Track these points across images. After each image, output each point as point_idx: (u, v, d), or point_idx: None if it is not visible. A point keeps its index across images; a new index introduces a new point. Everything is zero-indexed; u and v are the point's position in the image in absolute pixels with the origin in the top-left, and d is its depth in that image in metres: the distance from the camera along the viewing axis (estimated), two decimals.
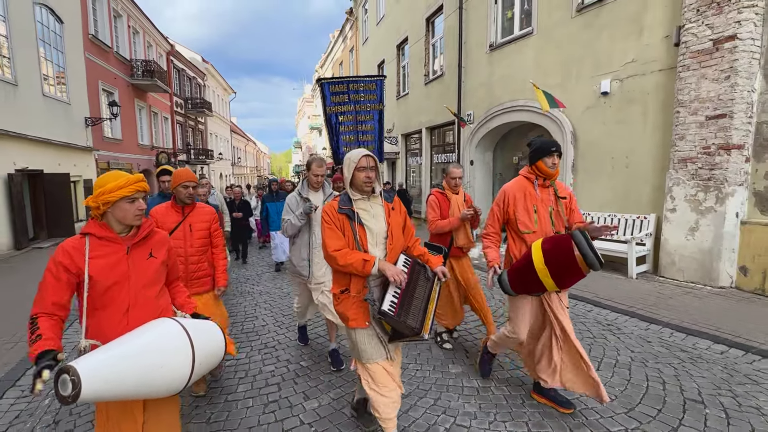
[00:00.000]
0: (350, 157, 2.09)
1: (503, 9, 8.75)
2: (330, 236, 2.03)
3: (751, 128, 4.85)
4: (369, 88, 5.03)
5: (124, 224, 1.68)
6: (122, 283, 1.66)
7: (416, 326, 1.90)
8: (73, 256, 1.58)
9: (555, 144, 2.47)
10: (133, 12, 17.45)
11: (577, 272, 2.16)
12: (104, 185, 1.60)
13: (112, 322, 1.63)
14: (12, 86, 9.58)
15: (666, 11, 5.53)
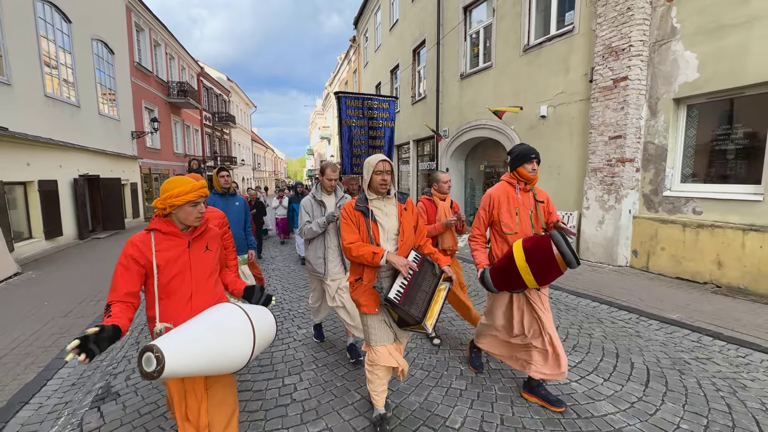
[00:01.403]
0: (369, 162, 2.14)
1: (471, 46, 9.71)
2: (346, 230, 2.11)
3: (639, 146, 5.79)
4: (382, 106, 5.09)
5: (186, 224, 1.71)
6: (185, 272, 1.68)
7: (418, 316, 1.90)
8: (142, 249, 1.61)
9: (534, 151, 2.43)
10: (169, 41, 18.61)
11: (555, 270, 2.12)
12: (171, 190, 1.62)
13: (178, 309, 1.65)
14: (76, 107, 10.71)
15: (584, 55, 6.46)
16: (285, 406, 2.50)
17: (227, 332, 1.48)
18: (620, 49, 5.71)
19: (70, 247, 9.49)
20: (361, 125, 5.01)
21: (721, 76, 4.78)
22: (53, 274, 6.61)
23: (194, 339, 1.38)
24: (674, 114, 5.42)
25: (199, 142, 23.31)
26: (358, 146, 5.05)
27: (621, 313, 4.13)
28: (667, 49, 5.34)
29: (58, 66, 10.06)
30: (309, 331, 3.79)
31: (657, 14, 5.46)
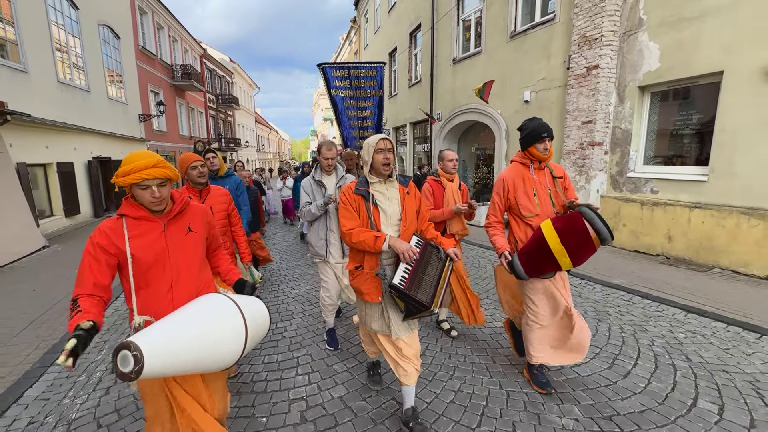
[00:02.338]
0: (369, 142, 2.03)
1: (463, 31, 10.04)
2: (345, 216, 2.01)
3: (608, 131, 6.27)
4: (369, 74, 4.79)
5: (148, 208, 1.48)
6: (163, 260, 1.51)
7: (426, 300, 1.84)
8: (111, 236, 1.43)
9: (545, 128, 2.26)
10: (172, 23, 18.90)
11: (591, 247, 2.06)
12: (130, 163, 1.41)
13: (157, 299, 1.50)
14: (86, 92, 11.28)
15: (563, 43, 6.85)
16: (276, 341, 3.20)
17: (215, 326, 1.34)
18: (593, 39, 6.12)
19: (86, 224, 10.27)
20: (349, 96, 4.78)
21: (679, 66, 5.22)
22: (76, 247, 7.36)
23: (178, 334, 1.23)
24: (639, 101, 5.88)
25: (203, 124, 23.83)
26: (351, 118, 4.86)
27: (573, 279, 4.75)
28: (635, 40, 5.75)
29: (68, 52, 10.59)
30: (300, 291, 4.48)
31: (627, 6, 5.84)
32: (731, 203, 4.74)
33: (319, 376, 2.68)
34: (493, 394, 2.44)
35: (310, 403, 2.37)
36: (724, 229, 4.76)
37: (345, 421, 2.21)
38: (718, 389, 2.41)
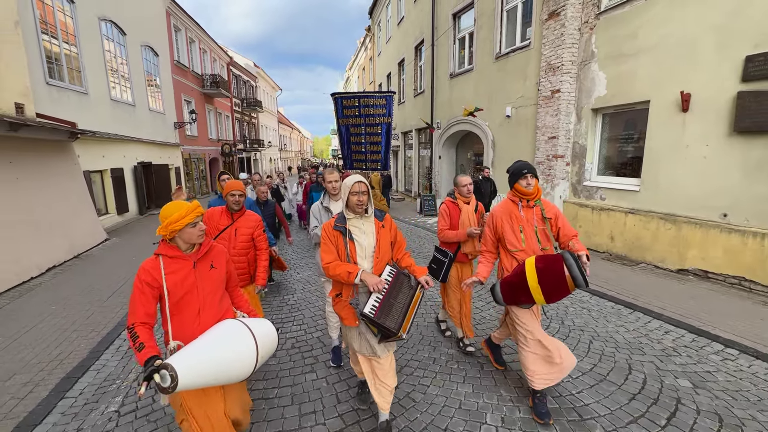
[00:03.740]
0: (346, 183, 2.22)
1: (459, 49, 11.15)
2: (324, 250, 2.21)
3: (569, 145, 7.32)
4: (378, 103, 5.05)
5: (190, 244, 1.85)
6: (192, 291, 1.84)
7: (394, 327, 1.99)
8: (152, 273, 1.77)
9: (526, 166, 2.47)
10: (202, 37, 20.78)
11: (565, 290, 2.18)
12: (170, 216, 1.76)
13: (187, 323, 1.83)
14: (132, 107, 13.13)
15: (536, 68, 7.89)
16: (282, 307, 4.60)
17: (232, 347, 1.66)
18: (556, 66, 7.17)
19: (133, 220, 12.12)
20: (358, 123, 5.11)
21: (620, 93, 6.24)
22: (129, 240, 9.07)
23: (203, 356, 1.56)
24: (592, 121, 6.91)
25: (230, 127, 25.80)
26: (356, 143, 5.20)
27: None
28: (588, 69, 6.78)
29: (118, 72, 12.42)
30: (304, 275, 5.87)
31: (583, 39, 6.87)
32: (654, 210, 5.77)
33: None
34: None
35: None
36: (648, 231, 5.80)
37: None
38: (601, 351, 3.60)
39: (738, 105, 4.65)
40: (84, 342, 3.85)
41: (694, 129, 5.20)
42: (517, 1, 8.52)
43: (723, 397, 2.71)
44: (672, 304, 4.40)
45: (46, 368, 3.36)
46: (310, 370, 3.22)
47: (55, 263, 6.62)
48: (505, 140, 9.12)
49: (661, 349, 3.45)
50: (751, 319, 3.95)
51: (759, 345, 3.43)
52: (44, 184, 7.01)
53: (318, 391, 2.89)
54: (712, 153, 5.01)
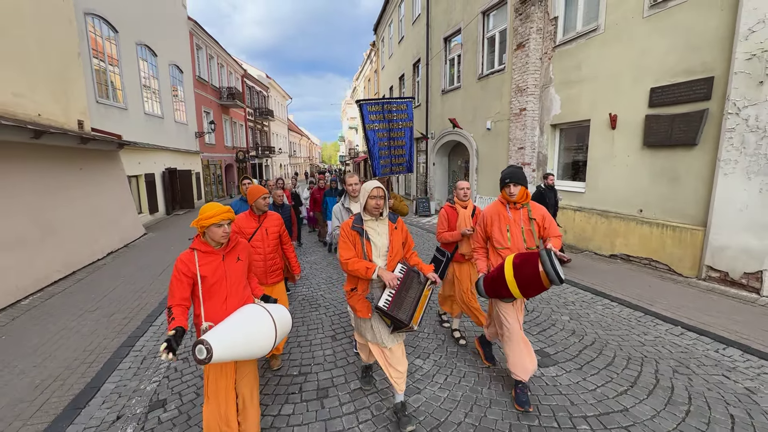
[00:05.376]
0: (365, 188, 2.44)
1: (449, 68, 12.66)
2: (343, 248, 2.44)
3: (534, 154, 8.73)
4: (401, 108, 5.30)
5: (215, 241, 2.17)
6: (221, 281, 2.18)
7: (405, 319, 2.25)
8: (188, 264, 2.11)
9: (510, 175, 2.69)
10: (220, 53, 22.69)
11: (539, 286, 2.34)
12: (203, 213, 2.11)
13: (216, 308, 2.16)
14: (161, 119, 14.89)
15: (509, 88, 9.35)
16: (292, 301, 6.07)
17: (255, 327, 1.98)
18: (523, 89, 8.62)
19: (162, 219, 13.80)
20: (383, 128, 5.23)
21: (570, 113, 7.66)
22: (162, 236, 10.69)
23: (232, 334, 1.88)
24: (552, 134, 8.32)
25: (243, 136, 27.64)
26: (382, 147, 5.28)
27: None
28: (547, 91, 8.22)
29: (151, 90, 14.20)
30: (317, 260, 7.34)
31: (543, 66, 8.31)
32: (594, 208, 7.15)
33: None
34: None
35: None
36: (590, 225, 7.18)
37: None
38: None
39: (645, 125, 6.05)
40: (154, 297, 5.40)
41: (619, 143, 6.60)
42: (495, 31, 10.01)
43: (597, 325, 4.11)
44: (599, 281, 5.70)
45: (133, 312, 4.90)
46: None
47: (112, 249, 8.23)
48: (487, 150, 10.56)
49: (571, 304, 4.84)
50: (644, 287, 5.31)
51: (635, 300, 4.80)
52: (103, 188, 8.66)
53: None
54: (632, 162, 6.40)
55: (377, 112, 5.23)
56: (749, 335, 3.80)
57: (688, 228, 5.55)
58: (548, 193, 6.36)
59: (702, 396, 2.82)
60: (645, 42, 6.03)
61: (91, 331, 4.35)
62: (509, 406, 2.77)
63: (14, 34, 6.37)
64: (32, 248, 5.85)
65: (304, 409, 2.80)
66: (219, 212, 2.10)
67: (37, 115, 6.96)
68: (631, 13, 6.25)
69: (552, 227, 2.75)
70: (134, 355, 3.78)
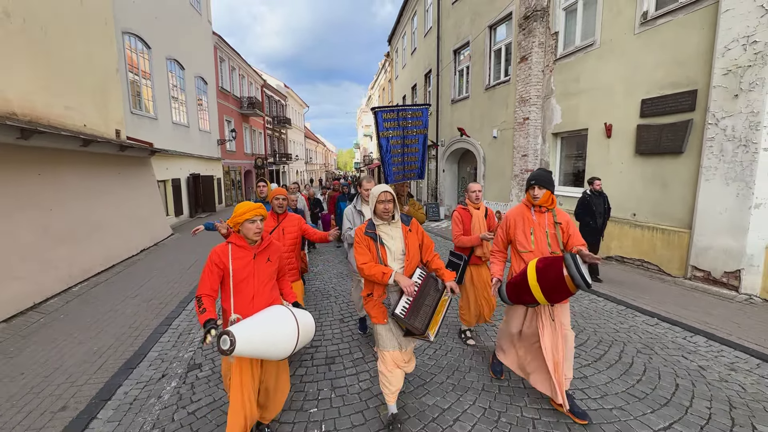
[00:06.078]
0: (373, 193, 2.46)
1: (459, 79, 13.23)
2: (359, 252, 2.43)
3: (537, 161, 9.17)
4: (416, 115, 5.31)
5: (249, 238, 2.24)
6: (249, 278, 2.22)
7: (421, 328, 2.22)
8: (221, 256, 2.20)
9: (536, 177, 2.64)
10: (242, 64, 23.89)
11: (565, 290, 2.26)
12: (237, 210, 2.22)
13: (243, 305, 2.20)
14: (186, 128, 15.92)
15: (514, 98, 9.84)
16: (307, 292, 6.67)
17: (279, 328, 2.02)
18: (526, 99, 9.10)
19: (187, 222, 14.72)
20: (396, 135, 5.24)
21: (570, 122, 8.11)
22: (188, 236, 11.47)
23: (256, 331, 1.92)
24: (553, 142, 8.76)
25: (262, 143, 28.78)
26: (396, 155, 5.30)
27: None
28: (549, 101, 8.68)
29: (178, 101, 15.26)
30: (330, 259, 7.95)
31: (545, 78, 8.79)
32: None
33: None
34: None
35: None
36: None
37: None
38: None
39: (637, 134, 6.46)
40: (185, 287, 6.09)
41: (614, 151, 7.01)
42: (501, 44, 10.54)
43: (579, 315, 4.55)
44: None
45: (168, 298, 5.60)
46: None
47: (144, 247, 9.05)
48: (493, 157, 11.04)
49: None
50: (632, 287, 5.69)
51: (620, 296, 5.20)
52: (137, 191, 9.53)
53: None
54: (625, 168, 6.80)
55: (392, 120, 5.25)
56: (719, 326, 4.18)
57: (675, 230, 5.92)
58: (595, 200, 5.76)
59: (656, 370, 3.26)
60: (636, 57, 6.47)
61: (133, 312, 5.05)
62: (485, 372, 3.27)
63: (66, 55, 7.28)
64: (81, 242, 6.66)
65: (314, 372, 3.38)
66: (251, 208, 2.22)
67: (83, 125, 7.84)
68: (624, 29, 6.71)
69: (576, 234, 2.61)
70: (172, 331, 4.44)
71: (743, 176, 4.92)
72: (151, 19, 12.76)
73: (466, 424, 2.60)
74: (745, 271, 4.95)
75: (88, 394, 3.16)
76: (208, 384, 3.26)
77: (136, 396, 3.13)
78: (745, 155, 4.88)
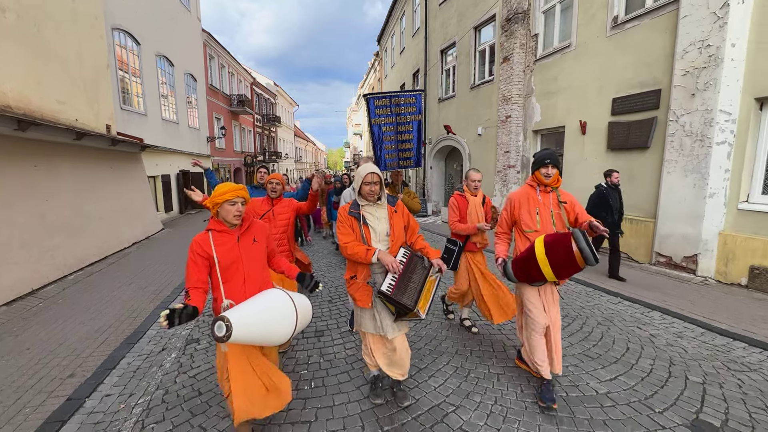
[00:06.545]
0: (359, 173, 2.39)
1: (445, 78, 13.63)
2: (342, 232, 2.40)
3: (519, 157, 9.60)
4: (409, 101, 5.19)
5: (228, 221, 2.13)
6: (237, 262, 2.14)
7: (410, 304, 2.20)
8: (203, 246, 2.09)
9: (549, 156, 2.59)
10: (231, 62, 23.95)
11: (574, 266, 2.25)
12: (216, 191, 2.10)
13: (235, 290, 2.14)
14: (176, 124, 16.00)
15: (497, 97, 10.25)
16: None
17: (277, 312, 1.96)
18: (508, 98, 9.52)
19: (176, 218, 14.83)
20: (389, 122, 5.14)
21: (549, 120, 8.55)
22: (177, 230, 11.68)
23: (253, 315, 1.84)
24: (534, 139, 9.20)
25: (251, 141, 28.84)
26: (388, 142, 5.22)
27: None
28: (530, 100, 9.11)
29: (167, 97, 15.34)
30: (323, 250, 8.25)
31: (526, 78, 9.22)
32: None
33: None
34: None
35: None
36: None
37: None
38: None
39: (609, 131, 6.91)
40: (179, 276, 6.32)
41: (589, 147, 7.46)
42: (485, 45, 10.96)
43: None
44: None
45: (163, 286, 5.83)
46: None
47: (136, 240, 9.21)
48: (478, 153, 11.46)
49: None
50: (603, 273, 6.12)
51: (590, 280, 5.62)
52: (128, 185, 9.67)
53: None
54: (599, 163, 7.24)
55: (384, 106, 5.14)
56: (674, 303, 4.61)
57: (642, 220, 6.37)
58: (612, 193, 5.50)
59: (612, 338, 3.65)
60: (608, 58, 6.93)
61: (130, 297, 5.28)
62: (459, 340, 3.61)
63: (59, 51, 7.43)
64: (75, 232, 6.83)
65: (305, 342, 3.70)
66: (231, 189, 2.10)
67: (75, 120, 7.98)
68: (596, 32, 7.16)
69: (582, 212, 2.62)
70: None
71: (699, 168, 5.38)
72: (140, 16, 12.86)
73: (440, 379, 2.95)
74: (701, 256, 5.41)
75: (93, 364, 3.42)
76: (206, 354, 3.55)
77: (139, 366, 3.40)
78: (700, 149, 5.35)
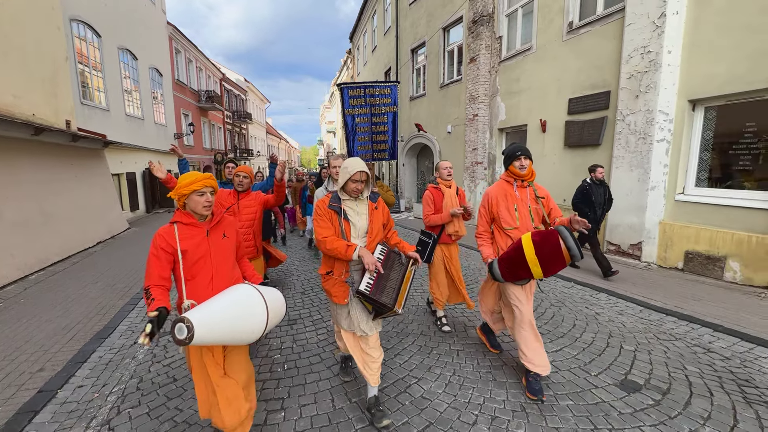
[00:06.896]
0: (347, 167, 2.24)
1: (416, 76, 13.95)
2: (320, 225, 2.26)
3: (486, 154, 10.04)
4: (384, 92, 5.14)
5: (197, 213, 1.96)
6: (206, 258, 1.98)
7: (389, 302, 2.13)
8: (167, 239, 1.92)
9: (520, 148, 2.59)
10: (198, 56, 23.32)
11: (561, 262, 2.29)
12: (182, 181, 1.92)
13: (201, 289, 1.96)
14: (141, 120, 15.51)
15: (465, 96, 10.64)
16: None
17: (245, 309, 1.76)
18: (475, 97, 9.93)
19: (143, 217, 14.40)
20: (363, 113, 5.05)
21: (512, 118, 9.00)
22: (144, 230, 11.40)
23: (218, 314, 1.66)
24: (499, 137, 9.65)
25: (222, 138, 28.20)
26: (362, 133, 5.13)
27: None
28: (495, 100, 9.55)
29: (131, 92, 14.83)
30: (298, 249, 8.32)
31: (492, 78, 9.65)
32: None
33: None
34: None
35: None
36: None
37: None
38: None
39: (566, 129, 7.40)
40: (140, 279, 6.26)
41: (548, 144, 7.94)
42: (454, 45, 11.34)
43: None
44: None
45: (132, 282, 5.78)
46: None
47: (100, 240, 8.95)
48: (448, 150, 11.84)
49: None
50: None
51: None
52: (90, 183, 9.37)
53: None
54: (557, 160, 7.74)
55: (358, 96, 5.04)
56: (619, 286, 5.08)
57: None
58: (596, 189, 5.39)
59: (562, 316, 4.03)
60: (565, 61, 7.41)
61: (98, 295, 5.22)
62: (425, 323, 3.87)
63: (15, 42, 7.14)
64: (35, 231, 6.61)
65: (278, 330, 3.85)
66: (199, 178, 1.94)
67: (32, 114, 7.69)
68: (554, 36, 7.63)
69: (556, 207, 2.71)
70: (139, 309, 4.71)
71: (642, 164, 5.91)
72: (100, 6, 12.41)
73: (405, 356, 3.19)
74: (645, 243, 5.95)
75: (63, 359, 3.44)
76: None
77: (111, 358, 3.45)
78: (643, 146, 5.87)
